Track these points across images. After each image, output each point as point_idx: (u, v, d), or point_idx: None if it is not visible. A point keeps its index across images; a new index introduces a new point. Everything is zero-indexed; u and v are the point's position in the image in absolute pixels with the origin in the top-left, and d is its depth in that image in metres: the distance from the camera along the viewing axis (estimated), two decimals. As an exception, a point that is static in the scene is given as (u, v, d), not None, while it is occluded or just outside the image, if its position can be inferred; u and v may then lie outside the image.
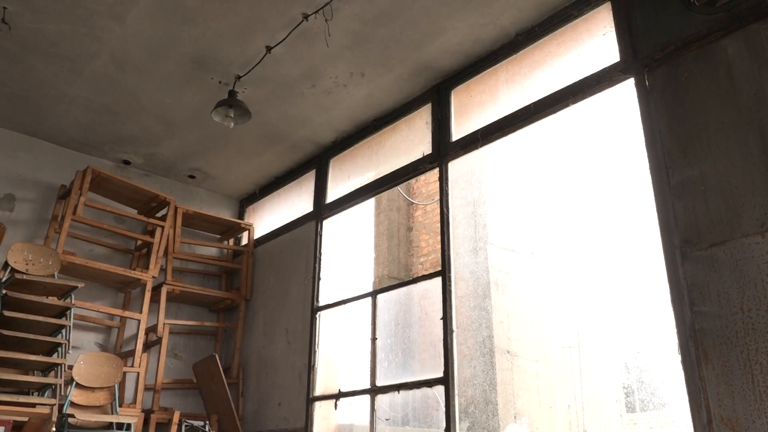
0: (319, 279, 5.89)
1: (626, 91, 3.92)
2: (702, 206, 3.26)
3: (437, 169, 5.01)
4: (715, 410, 2.96)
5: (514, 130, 4.58)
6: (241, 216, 7.39)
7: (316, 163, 6.39)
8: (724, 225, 3.15)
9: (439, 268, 4.73)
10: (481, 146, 4.75)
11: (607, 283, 8.06)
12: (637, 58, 3.80)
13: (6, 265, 5.08)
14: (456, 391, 4.34)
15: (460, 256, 6.02)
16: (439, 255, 4.80)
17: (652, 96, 3.66)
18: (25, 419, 4.23)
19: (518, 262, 6.97)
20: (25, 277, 4.87)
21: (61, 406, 4.88)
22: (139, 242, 6.35)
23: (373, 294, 5.35)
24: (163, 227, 6.17)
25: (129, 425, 5.08)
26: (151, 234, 6.22)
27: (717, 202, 3.21)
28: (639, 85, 3.75)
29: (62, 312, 5.03)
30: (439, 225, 4.87)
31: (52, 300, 5.02)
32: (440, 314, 4.56)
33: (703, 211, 3.25)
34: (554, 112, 4.33)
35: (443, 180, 4.92)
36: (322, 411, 5.46)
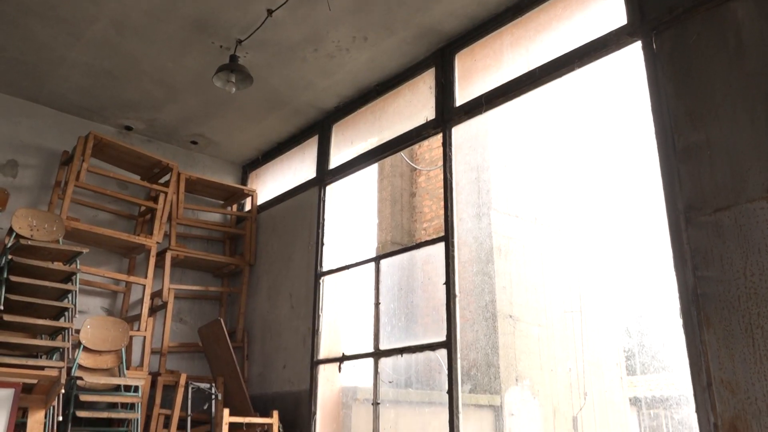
0: (322, 244, 5.91)
1: (633, 54, 3.87)
2: (707, 171, 3.25)
3: (440, 135, 4.98)
4: (715, 373, 2.99)
5: (518, 95, 4.53)
6: (244, 182, 7.39)
7: (319, 129, 6.35)
8: (729, 190, 3.14)
9: (442, 234, 4.73)
10: (485, 111, 4.71)
11: (610, 248, 8.09)
12: (645, 21, 3.73)
13: (11, 230, 5.11)
14: (458, 355, 4.39)
15: (464, 221, 6.03)
16: (443, 220, 4.81)
17: (659, 59, 3.61)
18: (34, 381, 4.30)
19: (521, 228, 6.99)
20: (30, 242, 4.89)
21: (69, 369, 4.96)
22: (143, 208, 6.37)
23: (377, 259, 5.38)
24: (166, 193, 6.18)
25: (137, 387, 5.18)
26: (155, 200, 6.23)
27: (723, 167, 3.19)
28: (646, 49, 3.70)
29: (68, 277, 5.07)
30: (442, 191, 4.86)
31: (58, 265, 5.05)
32: (443, 279, 4.58)
33: (708, 176, 3.24)
34: (559, 76, 4.27)
35: (447, 145, 4.89)
36: (326, 374, 5.55)
